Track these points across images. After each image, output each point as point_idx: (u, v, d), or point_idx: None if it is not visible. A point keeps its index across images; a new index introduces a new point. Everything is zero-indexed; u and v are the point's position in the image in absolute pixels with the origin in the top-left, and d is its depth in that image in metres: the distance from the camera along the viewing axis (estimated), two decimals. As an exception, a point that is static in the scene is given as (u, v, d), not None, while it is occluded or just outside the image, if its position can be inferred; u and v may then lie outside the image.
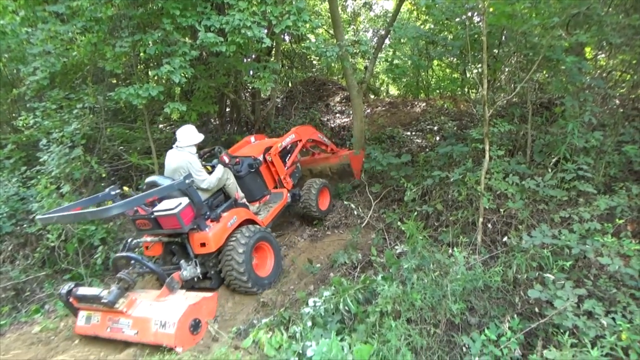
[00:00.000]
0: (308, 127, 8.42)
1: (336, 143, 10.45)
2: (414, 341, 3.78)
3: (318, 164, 8.58)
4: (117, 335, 4.65)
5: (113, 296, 4.62)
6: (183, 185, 5.12)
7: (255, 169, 6.74)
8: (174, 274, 5.04)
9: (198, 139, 5.83)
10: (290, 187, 7.22)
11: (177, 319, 4.35)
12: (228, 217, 5.62)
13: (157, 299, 4.77)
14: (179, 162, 5.64)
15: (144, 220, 5.32)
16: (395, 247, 5.70)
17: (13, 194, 6.98)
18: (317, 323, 4.23)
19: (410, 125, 11.04)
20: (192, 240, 5.39)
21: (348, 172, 8.26)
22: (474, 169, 5.89)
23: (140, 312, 4.64)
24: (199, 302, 4.66)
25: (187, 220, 5.11)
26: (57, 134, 7.32)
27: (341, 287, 4.60)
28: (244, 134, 11.05)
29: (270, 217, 6.54)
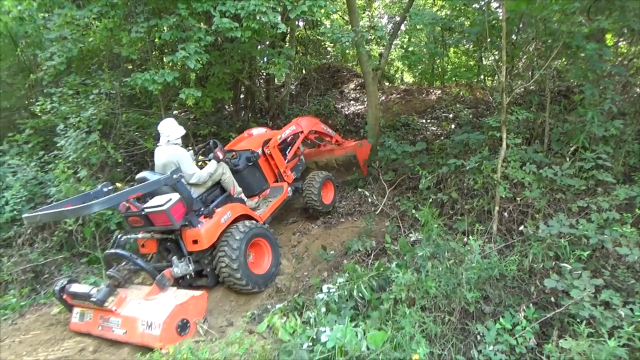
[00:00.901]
0: (310, 118, 8.08)
1: (350, 130, 10.44)
2: (428, 328, 3.78)
3: (323, 156, 8.25)
4: (107, 334, 4.57)
5: (102, 295, 4.52)
6: (170, 180, 4.97)
7: (253, 163, 6.52)
8: (165, 271, 4.89)
9: (182, 132, 5.66)
10: (290, 180, 6.94)
11: (163, 320, 4.21)
12: (222, 212, 5.39)
13: (147, 297, 4.63)
14: (168, 156, 5.42)
15: (136, 217, 5.13)
16: (410, 235, 5.69)
17: (31, 178, 7.07)
18: (331, 309, 4.26)
19: (425, 112, 10.95)
20: (185, 237, 5.20)
21: (354, 164, 7.98)
22: (490, 157, 5.83)
23: (128, 311, 4.53)
24: (187, 301, 4.48)
25: (177, 216, 4.93)
26: (74, 119, 7.39)
27: (355, 274, 4.61)
28: (258, 121, 11.06)
29: (268, 212, 6.30)
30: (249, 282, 5.21)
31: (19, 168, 7.24)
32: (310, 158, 8.22)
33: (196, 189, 5.58)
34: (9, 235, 6.64)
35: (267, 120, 11.19)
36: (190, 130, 9.60)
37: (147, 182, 4.98)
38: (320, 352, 3.39)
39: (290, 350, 3.50)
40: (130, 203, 5.03)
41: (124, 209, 5.09)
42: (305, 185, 7.00)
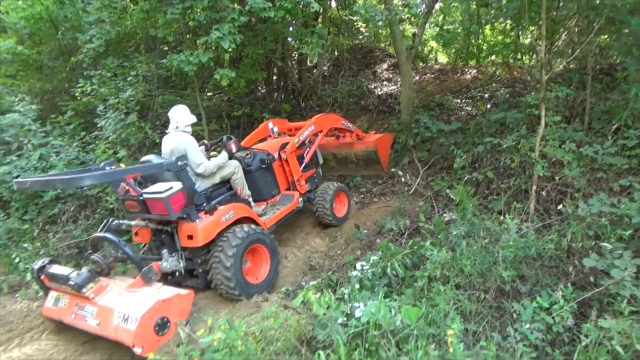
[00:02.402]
0: (330, 115, 7.57)
1: (383, 111, 10.35)
2: (463, 306, 3.77)
3: (343, 149, 7.75)
4: (79, 323, 4.21)
5: (81, 279, 4.17)
6: (173, 165, 4.65)
7: (267, 166, 6.14)
8: (153, 264, 4.51)
9: (193, 119, 5.35)
10: (303, 191, 6.48)
11: (141, 315, 3.82)
12: (224, 211, 5.03)
13: (129, 288, 4.26)
14: (175, 143, 5.10)
15: (133, 202, 4.83)
16: (444, 214, 5.65)
17: (74, 158, 7.34)
18: (365, 286, 4.29)
19: (460, 92, 10.73)
20: (180, 230, 4.88)
21: (374, 160, 7.49)
22: (528, 136, 5.70)
23: (106, 301, 4.14)
24: (171, 298, 4.10)
25: (176, 207, 4.63)
26: (113, 100, 7.61)
27: (389, 252, 4.62)
28: (290, 102, 11.10)
29: (274, 220, 5.85)
30: (241, 290, 4.83)
31: (61, 148, 7.52)
32: (328, 149, 7.79)
33: (202, 182, 5.30)
34: (54, 212, 6.93)
35: (300, 101, 11.22)
36: (224, 111, 9.74)
37: (147, 164, 4.77)
38: (355, 326, 3.43)
39: (325, 323, 3.55)
40: (130, 186, 4.69)
41: (122, 192, 4.79)
42: (317, 196, 6.60)
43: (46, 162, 7.15)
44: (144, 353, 3.70)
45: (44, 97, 9.45)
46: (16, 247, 6.41)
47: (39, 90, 9.47)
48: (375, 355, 3.20)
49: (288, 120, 7.67)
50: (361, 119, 10.31)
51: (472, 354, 3.28)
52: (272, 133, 6.96)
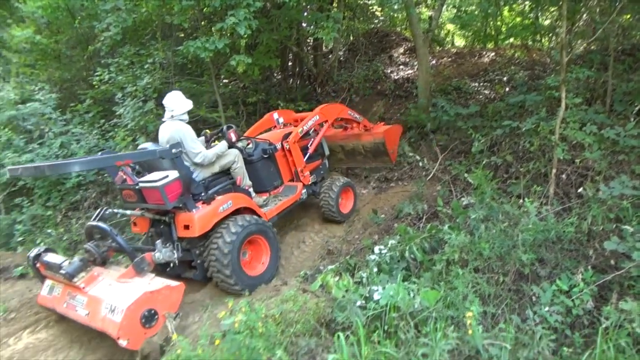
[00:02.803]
0: (336, 105, 7.21)
1: (400, 95, 10.28)
2: (482, 289, 3.77)
3: (350, 140, 7.50)
4: (70, 313, 4.14)
5: (72, 268, 4.11)
6: (167, 153, 4.50)
7: (269, 156, 5.95)
8: (146, 254, 4.42)
9: (189, 106, 5.17)
10: (307, 182, 6.25)
11: (127, 306, 3.72)
12: (222, 201, 4.88)
13: (119, 279, 4.16)
14: (171, 132, 4.92)
15: (130, 191, 4.73)
16: (462, 199, 5.63)
17: (94, 145, 7.45)
18: (383, 269, 4.32)
19: (477, 76, 10.59)
20: (177, 220, 4.75)
21: (382, 152, 7.23)
22: (547, 119, 5.63)
23: (96, 291, 4.06)
24: (159, 290, 3.97)
25: (172, 196, 4.50)
26: (131, 88, 7.69)
27: (407, 236, 4.63)
28: (306, 88, 11.08)
29: (276, 211, 5.67)
30: (239, 282, 4.69)
31: (82, 136, 7.64)
32: (336, 141, 7.58)
33: (201, 172, 5.12)
34: (76, 199, 7.07)
35: (316, 86, 11.19)
36: (240, 98, 9.76)
37: (139, 151, 4.63)
38: (373, 309, 3.46)
39: (344, 306, 3.59)
40: (127, 175, 4.62)
41: (120, 181, 4.71)
42: (323, 190, 6.41)
43: (67, 150, 7.28)
44: (129, 346, 3.66)
45: (63, 85, 9.57)
46: (40, 232, 6.56)
47: (57, 79, 9.59)
48: (394, 337, 3.23)
49: (303, 106, 7.64)
50: (377, 103, 10.26)
51: (491, 336, 3.29)
52: (278, 124, 6.81)
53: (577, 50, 6.36)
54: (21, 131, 7.47)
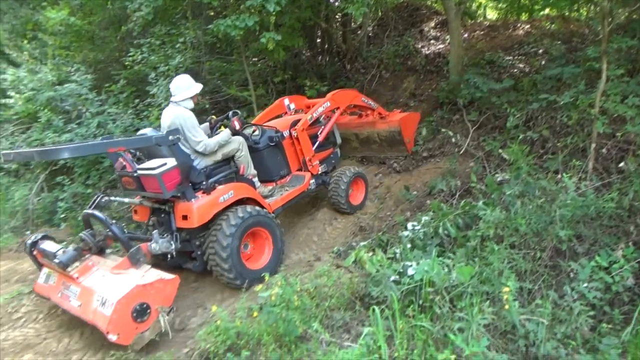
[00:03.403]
0: (348, 91, 6.85)
1: (431, 71, 10.09)
2: (518, 265, 3.75)
3: (364, 128, 7.16)
4: (64, 303, 4.03)
5: (66, 257, 3.97)
6: (164, 140, 4.28)
7: (276, 144, 5.65)
8: (142, 245, 4.22)
9: (195, 90, 4.90)
10: (316, 172, 5.95)
11: (117, 300, 3.54)
12: (222, 190, 4.67)
13: (113, 270, 3.99)
14: (172, 119, 4.71)
15: (129, 178, 4.56)
16: (496, 175, 5.55)
17: (129, 125, 7.61)
18: (417, 245, 4.32)
19: (511, 49, 10.28)
20: (176, 210, 4.57)
21: (398, 141, 6.89)
22: (586, 92, 5.45)
23: (90, 282, 3.92)
24: (152, 283, 3.77)
25: (170, 185, 4.31)
26: (163, 68, 7.77)
27: (440, 212, 4.61)
28: (335, 65, 10.98)
29: (281, 202, 5.42)
30: (238, 276, 4.49)
31: (117, 116, 7.81)
32: (349, 129, 7.28)
33: (203, 160, 4.88)
34: (114, 177, 7.25)
35: (345, 63, 11.08)
36: (269, 76, 9.76)
37: (132, 138, 4.45)
38: (408, 284, 3.48)
39: (379, 280, 3.63)
40: (126, 162, 4.46)
41: (119, 167, 4.57)
42: (332, 181, 6.06)
43: (104, 129, 7.45)
44: (119, 341, 3.53)
45: (97, 66, 9.75)
46: (81, 209, 6.78)
47: (92, 60, 9.77)
48: (429, 311, 3.25)
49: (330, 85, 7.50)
50: (408, 79, 10.11)
51: (528, 312, 3.28)
52: (289, 110, 6.55)
53: (618, 19, 6.08)
54: (60, 112, 7.67)
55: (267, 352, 3.33)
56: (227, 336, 3.43)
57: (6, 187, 7.79)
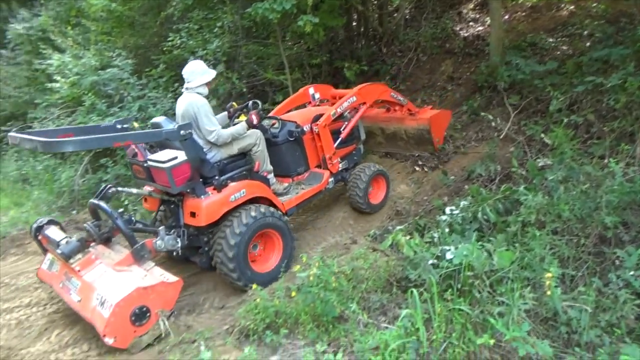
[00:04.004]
0: (377, 85, 6.42)
1: (470, 54, 9.86)
2: (560, 251, 3.67)
3: (392, 124, 6.82)
4: (65, 295, 3.95)
5: (69, 248, 3.83)
6: (174, 135, 3.99)
7: (295, 139, 5.36)
8: (147, 241, 4.06)
9: (208, 77, 4.67)
10: (335, 170, 5.64)
11: (116, 302, 3.40)
12: (235, 188, 4.44)
13: (116, 266, 3.85)
14: (185, 107, 4.54)
15: (139, 167, 4.44)
16: (538, 159, 5.42)
17: (169, 108, 7.75)
18: (455, 230, 4.29)
19: (555, 31, 9.92)
20: (185, 205, 4.40)
21: (427, 140, 6.56)
22: (635, 74, 5.23)
23: (91, 277, 3.76)
24: (154, 286, 3.62)
25: (179, 180, 4.12)
26: (201, 52, 7.86)
27: (479, 197, 4.55)
28: (371, 48, 10.86)
29: (295, 202, 5.16)
30: (242, 277, 4.30)
31: (157, 100, 7.97)
32: (376, 122, 6.96)
33: (217, 152, 4.70)
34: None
35: (381, 46, 10.94)
36: (305, 60, 9.75)
37: (141, 132, 4.33)
38: (446, 267, 3.46)
39: (418, 263, 3.62)
40: (138, 149, 4.37)
41: (131, 155, 4.47)
42: (351, 178, 5.73)
43: (145, 113, 7.62)
44: (116, 344, 3.43)
45: (137, 51, 9.93)
46: (124, 190, 7.00)
47: (132, 45, 9.96)
48: (469, 295, 3.23)
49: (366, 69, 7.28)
50: (445, 63, 9.91)
51: (570, 299, 3.22)
52: (313, 100, 6.25)
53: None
54: (103, 96, 7.88)
55: (305, 331, 3.39)
56: (266, 314, 3.51)
57: (53, 168, 8.12)
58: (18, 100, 11.02)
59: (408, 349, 2.88)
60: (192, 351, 3.39)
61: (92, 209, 4.44)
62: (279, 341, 3.31)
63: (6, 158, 9.76)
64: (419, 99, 8.94)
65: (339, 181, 5.81)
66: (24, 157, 9.14)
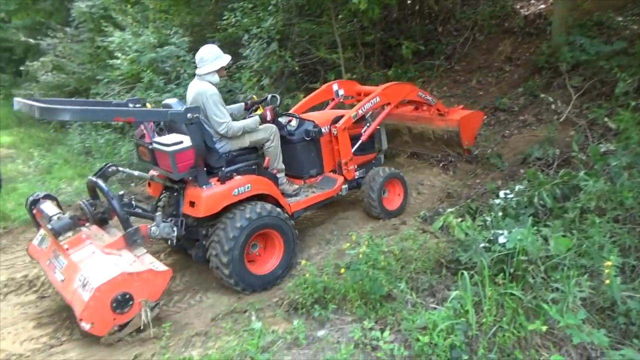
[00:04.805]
0: (403, 85, 6.04)
1: (530, 33, 9.45)
2: (621, 240, 3.52)
3: (419, 123, 6.43)
4: (49, 273, 3.77)
5: (59, 225, 3.63)
6: (180, 117, 3.78)
7: (312, 139, 5.07)
8: (141, 226, 3.85)
9: (221, 63, 4.37)
10: (350, 177, 5.25)
11: (97, 286, 3.18)
12: (239, 182, 4.14)
13: (105, 248, 3.63)
14: (194, 94, 4.30)
15: (145, 149, 4.26)
16: (600, 144, 5.18)
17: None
18: (509, 214, 4.18)
19: (624, 9, 9.34)
20: (186, 194, 4.17)
21: (455, 142, 6.16)
22: None
23: (78, 257, 3.53)
24: (140, 273, 3.39)
25: (182, 166, 3.92)
26: (255, 30, 7.93)
27: (536, 181, 4.41)
28: (426, 27, 10.60)
29: (303, 205, 4.82)
30: (240, 282, 4.05)
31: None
32: (404, 121, 6.57)
33: (227, 143, 4.44)
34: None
35: (436, 25, 10.66)
36: (358, 38, 9.65)
37: (146, 109, 4.21)
38: (499, 251, 3.40)
39: (469, 246, 3.58)
40: (146, 130, 4.16)
41: (139, 135, 4.29)
42: (366, 180, 5.29)
43: (200, 90, 7.81)
44: (93, 331, 3.23)
45: (193, 29, 10.16)
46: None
47: (189, 23, 10.19)
48: (521, 280, 3.16)
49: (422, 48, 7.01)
50: (504, 42, 9.55)
51: (630, 289, 3.10)
52: (337, 97, 5.95)
53: None
54: (160, 72, 8.14)
55: (353, 308, 3.44)
56: (314, 289, 3.57)
57: (113, 142, 8.50)
58: (81, 77, 11.51)
59: (456, 330, 2.86)
60: (243, 321, 3.52)
61: (90, 187, 4.24)
62: (327, 316, 3.37)
63: (71, 132, 10.29)
64: (474, 79, 8.71)
65: (355, 187, 5.41)
66: (87, 131, 9.61)
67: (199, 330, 3.45)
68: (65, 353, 3.33)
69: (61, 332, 3.66)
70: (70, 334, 3.61)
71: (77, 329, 3.62)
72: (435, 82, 9.16)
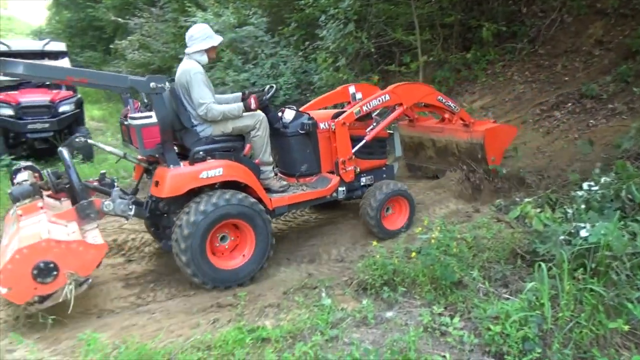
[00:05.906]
0: (418, 86, 5.59)
1: (625, 15, 8.73)
2: None
3: (443, 135, 5.84)
4: (3, 239, 3.60)
5: (18, 191, 3.62)
6: (143, 86, 3.59)
7: (307, 133, 4.63)
8: (95, 200, 3.71)
9: (211, 43, 4.16)
10: (348, 179, 4.72)
11: (17, 249, 2.98)
12: (209, 165, 3.86)
13: (53, 217, 3.47)
14: (180, 72, 4.12)
15: (126, 128, 4.11)
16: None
17: (298, 67, 8.05)
18: (593, 207, 3.98)
19: None
20: (154, 174, 3.96)
21: (479, 158, 5.53)
22: None
23: (25, 224, 3.37)
24: (69, 242, 3.14)
25: (148, 142, 3.78)
26: (333, 10, 7.94)
27: (625, 173, 4.16)
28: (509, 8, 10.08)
29: (287, 201, 4.38)
30: (198, 273, 3.75)
31: (288, 58, 8.29)
32: (427, 133, 6.04)
33: (209, 127, 4.15)
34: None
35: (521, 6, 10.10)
36: (435, 20, 9.39)
37: (103, 72, 4.00)
38: (580, 245, 3.26)
39: (548, 237, 3.46)
40: (130, 108, 4.07)
41: (124, 114, 4.18)
42: (366, 194, 4.78)
43: (276, 70, 8.00)
44: (10, 297, 2.99)
45: (272, 10, 10.31)
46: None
47: (267, 4, 10.35)
48: (604, 276, 3.03)
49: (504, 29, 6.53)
50: (595, 25, 8.91)
51: None
52: (354, 100, 5.32)
53: None
54: (239, 52, 8.39)
55: (422, 292, 3.44)
56: (384, 271, 3.60)
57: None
58: (165, 55, 12.09)
59: (530, 322, 2.80)
60: (313, 296, 3.62)
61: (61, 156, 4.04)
62: (396, 298, 3.40)
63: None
64: (559, 64, 8.24)
65: (356, 197, 4.94)
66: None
67: (271, 302, 3.59)
68: (150, 312, 3.59)
69: (146, 293, 3.95)
70: (154, 296, 3.90)
71: (161, 292, 3.95)
72: (517, 67, 8.75)
